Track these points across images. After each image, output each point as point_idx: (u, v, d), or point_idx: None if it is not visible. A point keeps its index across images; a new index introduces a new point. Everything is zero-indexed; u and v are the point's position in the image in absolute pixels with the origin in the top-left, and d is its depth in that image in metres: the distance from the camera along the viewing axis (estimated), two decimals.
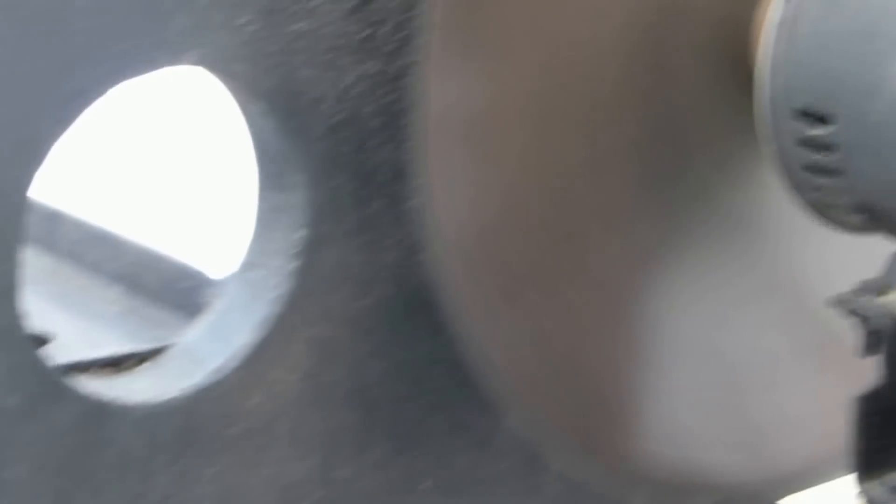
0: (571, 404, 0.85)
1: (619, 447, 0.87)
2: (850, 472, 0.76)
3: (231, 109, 0.74)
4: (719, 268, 0.87)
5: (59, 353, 0.73)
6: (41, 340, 0.76)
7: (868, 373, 0.75)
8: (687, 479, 0.89)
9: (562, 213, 0.81)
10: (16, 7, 0.62)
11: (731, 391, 0.90)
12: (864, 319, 0.75)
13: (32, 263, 0.70)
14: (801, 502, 0.94)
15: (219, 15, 0.71)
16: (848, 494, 0.79)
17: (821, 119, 0.74)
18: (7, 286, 0.66)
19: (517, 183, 0.79)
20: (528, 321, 0.82)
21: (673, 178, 0.85)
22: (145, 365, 0.79)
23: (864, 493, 0.76)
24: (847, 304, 0.75)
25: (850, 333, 0.75)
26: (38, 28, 0.64)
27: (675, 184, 0.85)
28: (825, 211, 0.78)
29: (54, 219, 1.24)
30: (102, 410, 0.70)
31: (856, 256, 0.81)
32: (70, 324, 1.08)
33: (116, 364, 0.81)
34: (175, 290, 1.05)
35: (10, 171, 0.65)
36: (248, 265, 0.76)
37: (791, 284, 0.90)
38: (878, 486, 0.76)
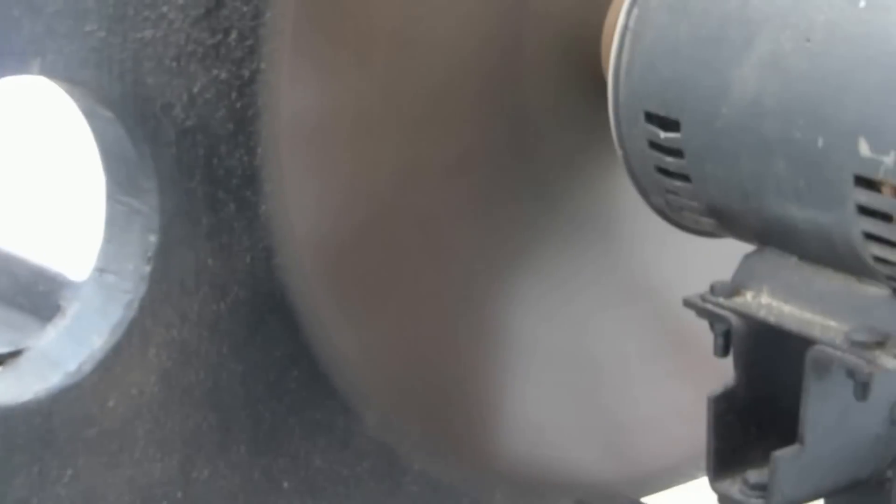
0: (429, 405, 0.88)
1: (477, 447, 0.91)
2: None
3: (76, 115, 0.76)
4: (578, 272, 0.91)
5: None
6: None
7: (724, 373, 0.79)
8: (546, 478, 0.93)
9: (417, 217, 0.84)
10: None
11: (590, 392, 0.94)
12: (717, 320, 0.78)
13: None
14: (666, 501, 0.97)
15: (66, 22, 0.73)
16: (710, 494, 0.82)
17: (670, 123, 0.77)
18: None
19: (371, 187, 0.82)
20: (384, 324, 0.85)
21: (529, 183, 0.87)
22: (0, 368, 0.81)
23: (719, 491, 0.79)
24: (700, 306, 0.78)
25: (706, 334, 0.79)
26: None
27: (532, 189, 0.88)
28: (677, 214, 0.81)
29: None
30: None
31: (711, 259, 0.84)
32: None
33: None
34: (31, 293, 1.09)
35: None
36: (100, 269, 0.79)
37: (649, 287, 0.94)
38: (733, 485, 0.79)
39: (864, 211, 0.73)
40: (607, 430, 0.97)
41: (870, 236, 0.73)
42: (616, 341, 0.94)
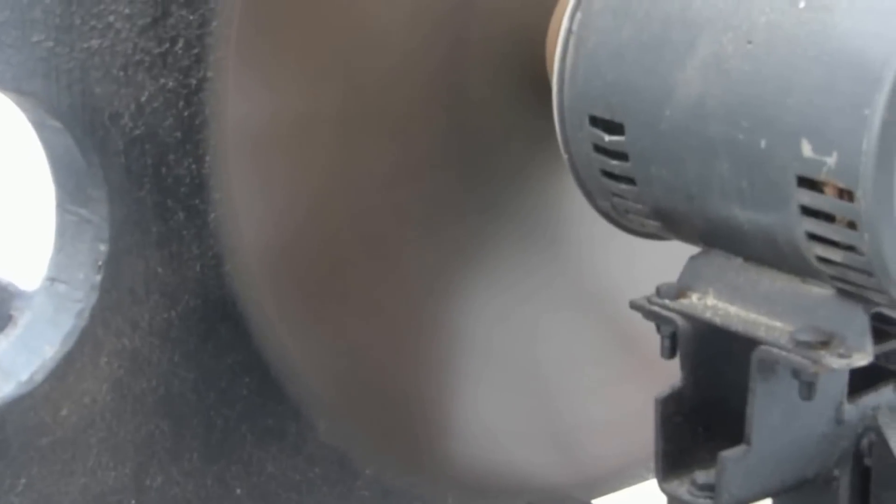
0: (380, 411, 0.90)
1: (429, 452, 0.92)
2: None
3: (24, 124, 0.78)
4: (526, 277, 0.93)
5: None
6: None
7: (672, 374, 0.80)
8: (498, 481, 0.95)
9: (365, 225, 0.86)
10: None
11: (540, 396, 0.96)
12: (663, 322, 0.80)
13: None
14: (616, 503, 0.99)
15: (13, 33, 0.74)
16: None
17: (615, 127, 0.79)
18: None
19: (319, 195, 0.84)
20: (334, 331, 0.87)
21: (474, 188, 0.89)
22: None
23: (667, 492, 0.81)
24: (646, 308, 0.80)
25: (654, 337, 0.80)
26: None
27: (477, 194, 0.89)
28: (623, 217, 0.83)
29: None
30: None
31: (658, 261, 0.85)
32: None
33: None
34: None
35: None
36: (51, 278, 0.80)
37: (597, 291, 0.96)
38: (681, 485, 0.81)
39: (807, 211, 0.74)
40: (557, 433, 0.99)
41: (813, 237, 0.75)
42: (565, 345, 0.96)
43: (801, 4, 0.78)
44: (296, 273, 0.84)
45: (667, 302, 0.81)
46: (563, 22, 0.81)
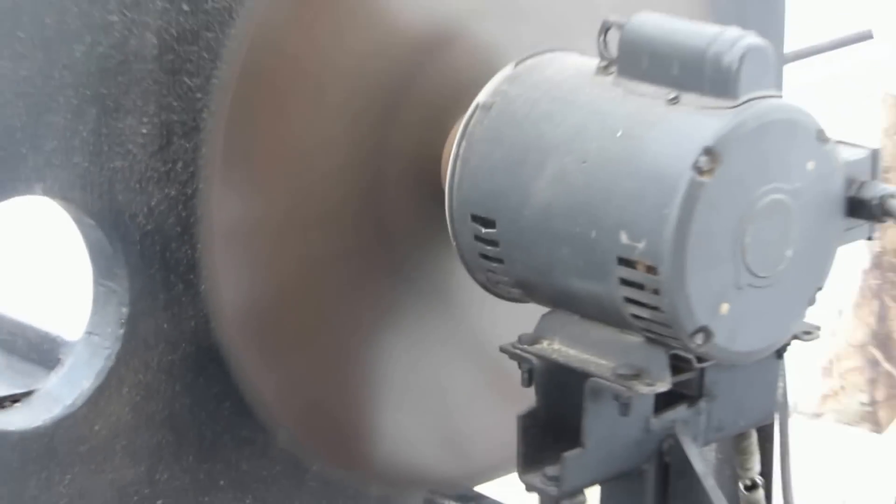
0: (322, 424, 1.13)
1: (357, 453, 1.16)
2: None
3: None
4: (431, 331, 1.16)
5: None
6: None
7: (531, 397, 1.02)
8: (408, 475, 1.18)
9: (312, 293, 1.08)
10: None
11: (440, 412, 1.18)
12: (523, 361, 1.01)
13: None
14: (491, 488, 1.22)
15: (60, 157, 0.96)
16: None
17: (489, 222, 1.00)
18: None
19: (279, 272, 1.06)
20: (289, 369, 1.10)
21: (394, 267, 1.12)
22: (18, 404, 1.06)
23: (525, 482, 1.02)
24: (511, 351, 1.02)
25: (517, 371, 1.02)
26: None
27: (395, 270, 1.12)
28: (495, 286, 1.05)
29: None
30: None
31: (521, 317, 1.07)
32: None
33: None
34: (39, 350, 1.34)
35: None
36: (88, 332, 1.03)
37: (480, 338, 1.18)
38: (535, 477, 1.01)
39: (624, 282, 0.94)
40: (453, 438, 1.21)
41: (628, 300, 0.95)
42: (458, 376, 1.18)
43: (619, 133, 0.96)
44: (262, 329, 1.06)
45: (525, 346, 1.02)
46: (453, 149, 1.03)
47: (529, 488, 1.04)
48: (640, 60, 0.99)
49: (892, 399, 3.02)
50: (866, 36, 2.02)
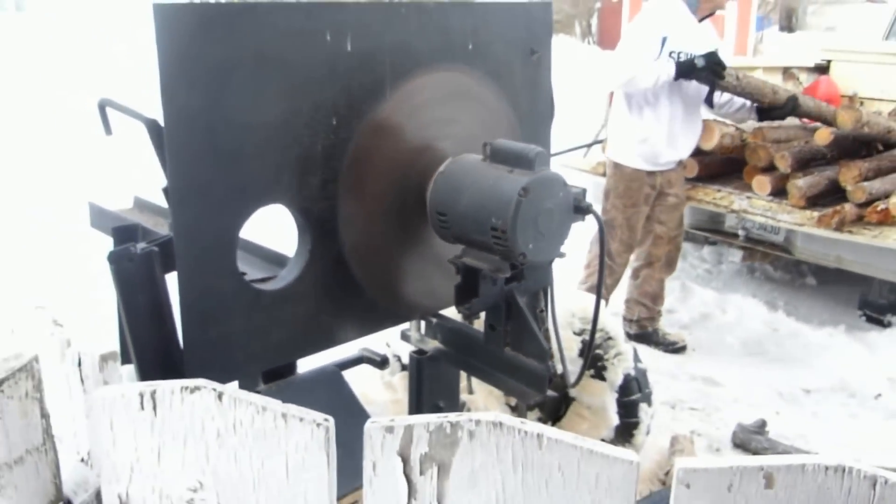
0: (381, 287, 2.66)
1: (394, 295, 2.67)
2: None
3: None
4: (425, 251, 2.63)
5: None
6: None
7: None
8: (413, 304, 2.74)
9: (381, 238, 2.53)
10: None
11: (426, 281, 2.75)
12: (455, 265, 2.56)
13: None
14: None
15: (296, 178, 2.28)
16: None
17: (442, 213, 2.48)
18: None
19: (367, 232, 2.55)
20: (372, 269, 2.61)
21: (412, 231, 2.58)
22: (269, 281, 2.47)
23: (459, 311, 2.54)
24: (452, 261, 2.55)
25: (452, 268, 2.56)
26: (229, 182, 2.18)
27: (413, 232, 2.58)
28: (444, 237, 2.52)
29: None
30: None
31: (455, 250, 2.62)
32: None
33: None
34: (275, 259, 2.76)
35: (227, 231, 2.19)
36: (295, 255, 2.54)
37: (440, 254, 2.71)
38: (463, 308, 2.52)
39: (493, 235, 2.40)
40: (430, 291, 2.68)
41: (495, 241, 2.41)
42: (432, 268, 2.70)
43: (491, 182, 2.39)
44: (361, 253, 2.48)
45: (456, 258, 2.54)
46: (431, 185, 2.45)
47: (459, 312, 2.50)
48: (498, 156, 2.37)
49: None
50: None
